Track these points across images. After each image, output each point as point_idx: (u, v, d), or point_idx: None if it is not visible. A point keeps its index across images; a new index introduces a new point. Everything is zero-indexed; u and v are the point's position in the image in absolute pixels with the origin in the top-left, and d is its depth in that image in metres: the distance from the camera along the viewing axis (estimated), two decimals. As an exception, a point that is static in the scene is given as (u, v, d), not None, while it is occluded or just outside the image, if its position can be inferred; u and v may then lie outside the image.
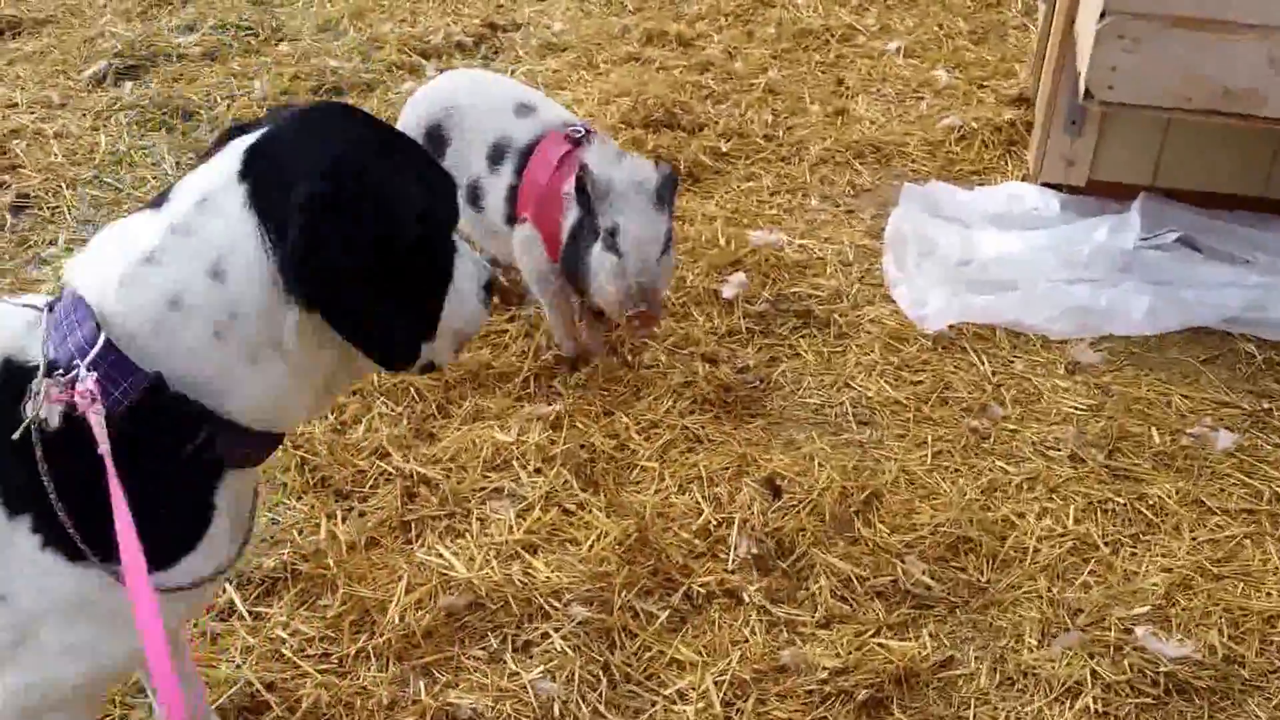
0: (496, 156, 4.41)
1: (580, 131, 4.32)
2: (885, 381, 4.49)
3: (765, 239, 5.15)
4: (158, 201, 2.19)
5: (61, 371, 2.06)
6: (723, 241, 5.13)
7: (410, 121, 4.55)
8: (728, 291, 4.85)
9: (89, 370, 2.05)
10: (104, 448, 2.02)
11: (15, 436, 2.03)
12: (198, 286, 2.11)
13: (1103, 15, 4.54)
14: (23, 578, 2.11)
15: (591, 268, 4.10)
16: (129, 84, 6.37)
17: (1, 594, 2.11)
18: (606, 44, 6.89)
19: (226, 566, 2.35)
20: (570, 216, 4.20)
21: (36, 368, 2.07)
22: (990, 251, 5.08)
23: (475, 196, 4.45)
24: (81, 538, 2.08)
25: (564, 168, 4.24)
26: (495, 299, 2.90)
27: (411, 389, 4.35)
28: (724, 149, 5.89)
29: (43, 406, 2.04)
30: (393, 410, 4.28)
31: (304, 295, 2.12)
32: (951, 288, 4.86)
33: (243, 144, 2.18)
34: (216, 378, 2.15)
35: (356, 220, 2.14)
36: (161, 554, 2.19)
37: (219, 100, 6.21)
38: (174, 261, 2.11)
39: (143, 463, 2.12)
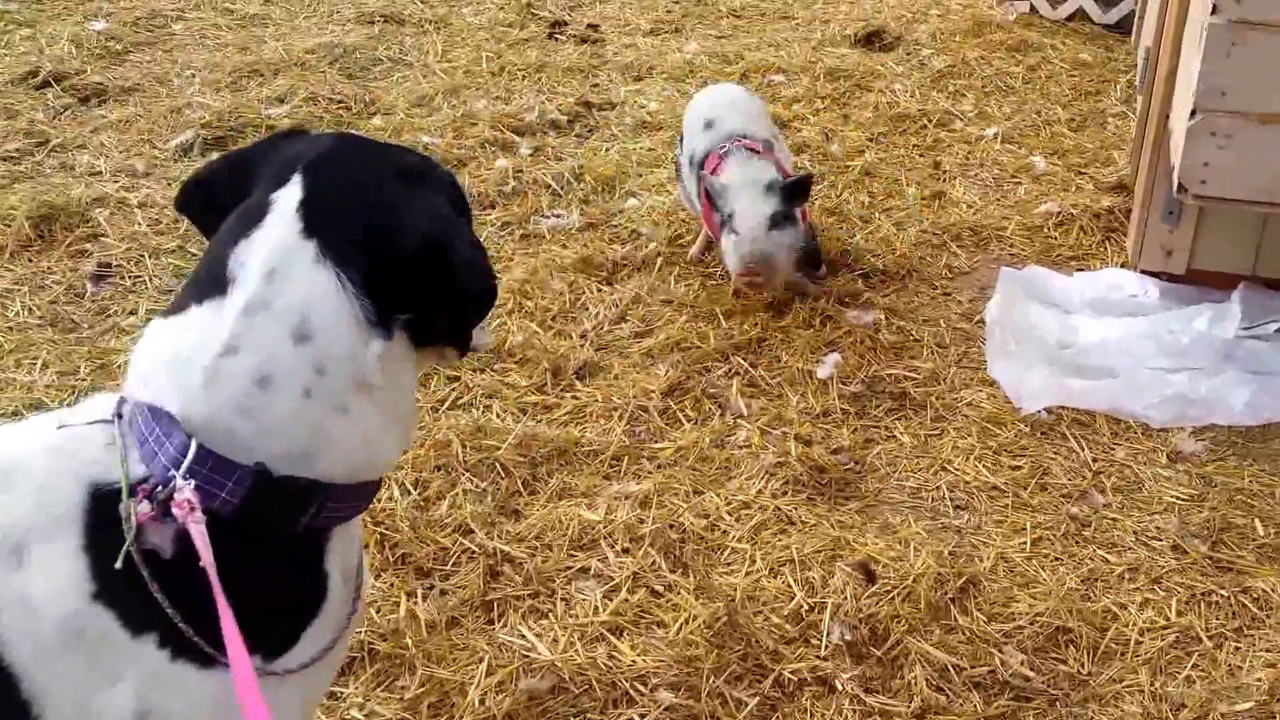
0: (690, 164, 5.55)
1: (724, 147, 5.34)
2: (983, 466, 4.41)
3: (861, 319, 5.10)
4: (207, 291, 2.13)
5: (159, 486, 2.02)
6: (817, 322, 5.08)
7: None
8: (822, 372, 4.80)
9: (185, 479, 2.01)
10: (206, 558, 1.98)
11: (119, 565, 1.99)
12: (285, 356, 2.09)
13: (1194, 113, 4.51)
14: (160, 694, 2.06)
15: (722, 246, 5.19)
16: (216, 155, 6.38)
17: (144, 711, 2.05)
18: (702, 124, 6.87)
19: (346, 626, 2.32)
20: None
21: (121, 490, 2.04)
22: (1090, 337, 5.01)
23: None
24: (208, 643, 2.04)
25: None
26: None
27: (498, 465, 4.30)
28: (826, 224, 5.88)
29: (151, 531, 2.01)
30: (477, 486, 4.23)
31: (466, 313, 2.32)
32: (1051, 371, 4.78)
33: (288, 204, 2.16)
34: (311, 441, 2.12)
35: (465, 236, 2.28)
36: (285, 636, 2.18)
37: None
38: (256, 342, 2.09)
39: (257, 554, 2.12)
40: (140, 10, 8.34)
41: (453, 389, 4.67)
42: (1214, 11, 4.39)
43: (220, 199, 2.27)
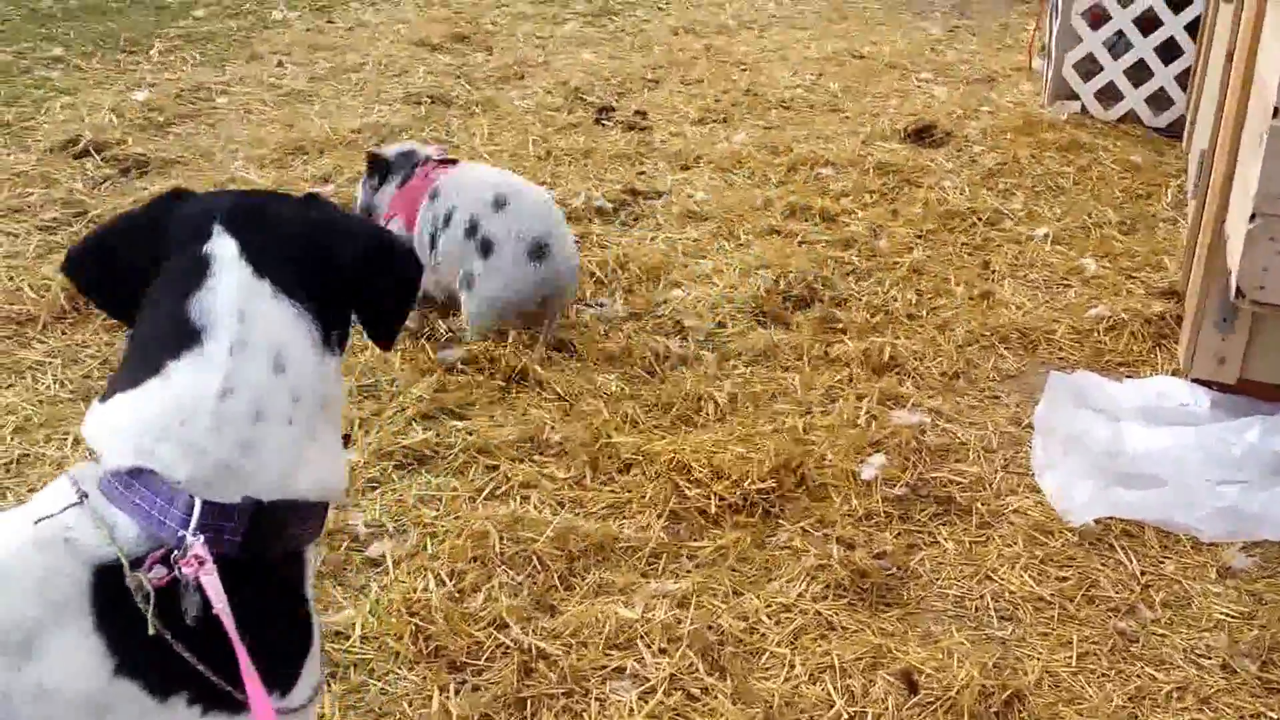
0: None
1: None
2: (1029, 576, 4.31)
3: (907, 420, 5.03)
4: (179, 346, 2.21)
5: (176, 549, 2.07)
6: (863, 421, 5.00)
7: None
8: (867, 473, 4.71)
9: (195, 536, 2.08)
10: (219, 606, 2.05)
11: (151, 632, 2.04)
12: (269, 387, 2.21)
13: (1253, 217, 4.45)
14: None
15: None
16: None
17: None
18: (749, 215, 6.83)
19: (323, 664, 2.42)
20: None
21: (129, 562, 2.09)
22: (1139, 446, 4.92)
23: None
24: (239, 689, 2.10)
25: None
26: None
27: (535, 558, 4.22)
28: (873, 322, 5.83)
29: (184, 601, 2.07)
30: (513, 580, 4.15)
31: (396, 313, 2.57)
32: (1100, 480, 4.70)
33: (228, 253, 2.27)
34: (292, 464, 2.23)
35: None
36: (289, 671, 2.26)
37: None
38: (246, 379, 2.19)
39: (256, 585, 2.20)
40: (184, 82, 8.35)
41: (491, 479, 4.60)
42: (1275, 115, 4.33)
43: (119, 262, 2.37)
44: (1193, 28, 8.16)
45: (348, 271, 2.37)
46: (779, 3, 10.52)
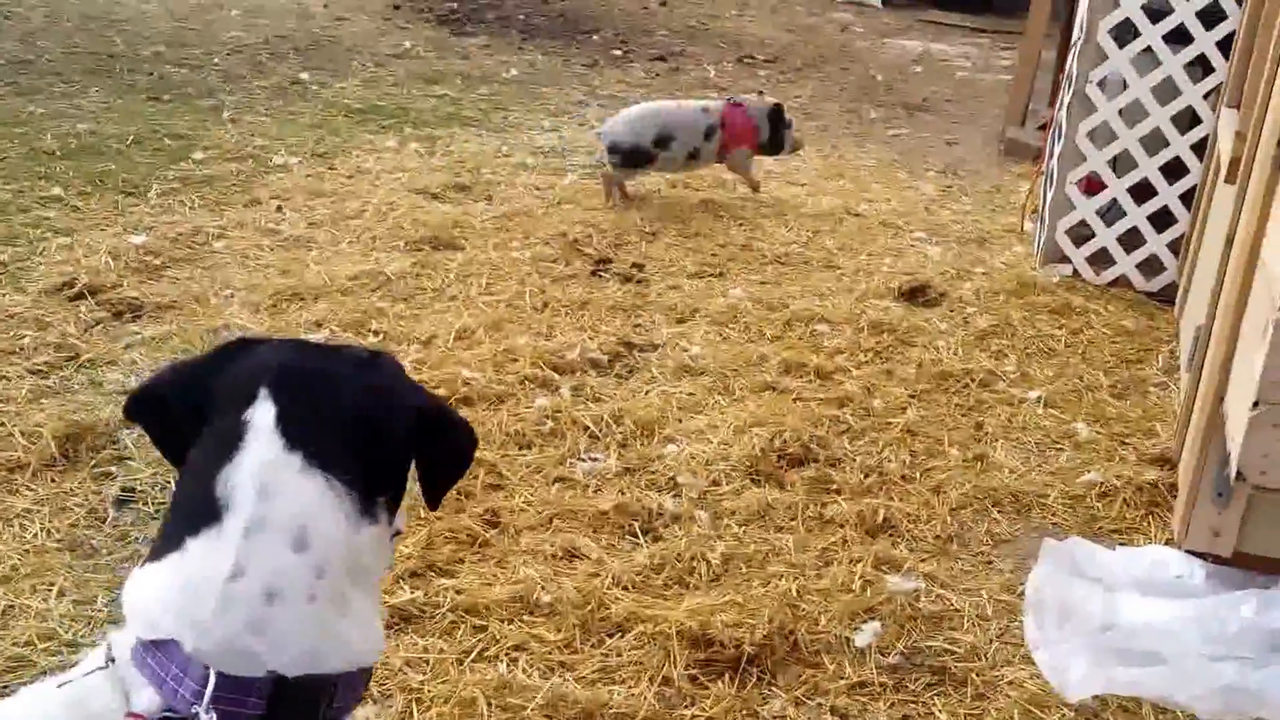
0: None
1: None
2: (1024, 752, 4.26)
3: (901, 586, 4.99)
4: (200, 522, 2.21)
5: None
6: (857, 586, 4.96)
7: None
8: (860, 640, 4.66)
9: (209, 712, 2.07)
10: None
11: None
12: (287, 567, 2.19)
13: (1256, 404, 4.46)
14: None
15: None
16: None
17: None
18: (744, 370, 6.82)
19: None
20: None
21: None
22: (1134, 618, 4.87)
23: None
24: None
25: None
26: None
27: (526, 731, 4.15)
28: (867, 483, 5.79)
29: None
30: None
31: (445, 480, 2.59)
32: (1095, 656, 4.64)
33: (264, 422, 2.26)
34: (318, 639, 2.21)
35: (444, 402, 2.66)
36: None
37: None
38: (260, 561, 2.17)
39: None
40: (182, 226, 8.33)
41: (479, 640, 4.54)
42: (1281, 306, 4.35)
43: (172, 412, 2.37)
44: (1186, 197, 8.21)
45: (396, 444, 2.38)
46: (776, 159, 10.55)
